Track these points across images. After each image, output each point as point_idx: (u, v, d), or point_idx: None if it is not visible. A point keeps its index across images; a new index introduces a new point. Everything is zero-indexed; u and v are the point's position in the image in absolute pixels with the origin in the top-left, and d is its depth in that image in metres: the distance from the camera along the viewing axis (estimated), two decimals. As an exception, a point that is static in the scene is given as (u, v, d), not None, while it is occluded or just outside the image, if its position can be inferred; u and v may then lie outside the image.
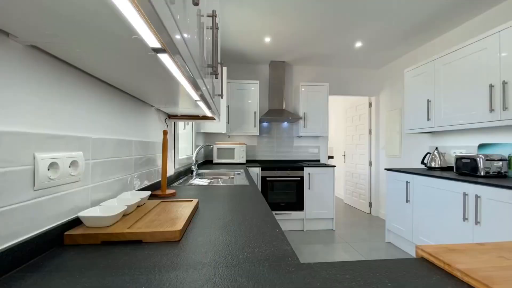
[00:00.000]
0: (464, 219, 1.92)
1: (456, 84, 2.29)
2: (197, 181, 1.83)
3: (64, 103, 0.67)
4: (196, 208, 0.96)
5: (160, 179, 1.43)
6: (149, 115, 1.30)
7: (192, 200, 0.99)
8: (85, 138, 0.75)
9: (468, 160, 2.12)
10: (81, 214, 0.67)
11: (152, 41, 0.45)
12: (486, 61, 2.01)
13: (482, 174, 2.00)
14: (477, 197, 1.82)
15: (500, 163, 2.01)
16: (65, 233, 0.64)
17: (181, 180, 1.83)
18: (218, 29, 0.99)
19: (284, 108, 3.75)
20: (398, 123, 3.57)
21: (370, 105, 4.16)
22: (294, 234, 3.21)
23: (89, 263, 0.54)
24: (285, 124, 3.98)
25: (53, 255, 0.57)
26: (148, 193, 0.95)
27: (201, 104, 1.03)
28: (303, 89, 3.62)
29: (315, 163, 3.71)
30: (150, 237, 0.65)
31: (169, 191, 1.26)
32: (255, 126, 3.52)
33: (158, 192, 1.22)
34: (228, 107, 3.39)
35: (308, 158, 4.01)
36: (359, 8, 2.31)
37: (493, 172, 2.00)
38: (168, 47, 0.44)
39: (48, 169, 0.60)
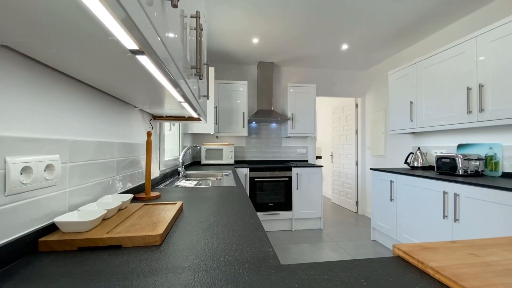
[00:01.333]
0: (444, 216, 1.99)
1: (437, 86, 2.37)
2: (183, 183, 1.81)
3: (40, 105, 0.65)
4: (180, 210, 0.95)
5: (144, 181, 1.40)
6: (133, 116, 1.27)
7: (176, 203, 0.98)
8: (62, 140, 0.73)
9: (448, 160, 2.20)
10: (57, 219, 0.65)
11: (129, 43, 0.44)
12: (464, 64, 2.10)
13: (460, 173, 2.09)
14: (456, 195, 1.89)
15: (477, 162, 2.10)
16: (40, 239, 0.61)
17: (167, 182, 1.80)
18: (202, 30, 0.99)
19: (272, 108, 3.77)
20: (383, 123, 3.66)
21: (357, 106, 4.25)
22: (283, 234, 3.22)
23: (63, 271, 0.52)
24: (274, 124, 4.00)
25: (26, 263, 0.55)
26: (130, 196, 0.93)
27: (186, 105, 1.02)
28: (291, 90, 3.65)
29: (303, 163, 3.75)
30: (130, 241, 0.64)
31: (153, 194, 1.23)
32: (243, 127, 3.51)
33: (142, 195, 1.20)
34: (216, 107, 3.37)
35: (297, 158, 4.05)
36: (344, 12, 2.36)
37: (471, 171, 2.09)
38: (145, 49, 0.43)
39: (21, 174, 0.58)
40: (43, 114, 0.66)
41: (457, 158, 2.12)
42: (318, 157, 6.06)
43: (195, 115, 1.35)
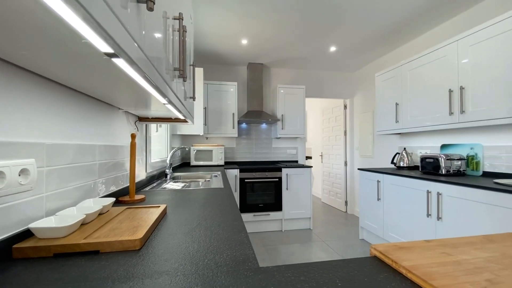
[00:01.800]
0: (428, 215, 2.04)
1: (421, 88, 2.44)
2: (170, 185, 1.79)
3: (14, 108, 0.63)
4: (163, 214, 0.94)
5: (128, 184, 1.38)
6: (116, 118, 1.25)
7: (159, 206, 0.97)
8: (38, 144, 0.71)
9: (432, 160, 2.26)
10: (32, 225, 0.63)
11: (102, 46, 0.44)
12: (446, 67, 2.16)
13: (443, 172, 2.15)
14: (438, 194, 1.95)
15: (459, 162, 2.17)
16: (14, 246, 0.60)
17: (154, 184, 1.78)
18: (186, 31, 0.98)
19: (262, 109, 3.78)
20: (370, 124, 3.73)
21: (345, 107, 4.31)
22: (273, 235, 3.24)
23: (37, 278, 0.51)
24: (264, 125, 4.01)
25: (-3, 271, 0.53)
26: (112, 200, 0.91)
27: (170, 107, 1.01)
28: (281, 91, 3.67)
29: (293, 164, 3.77)
30: (108, 247, 0.63)
31: (138, 197, 1.22)
32: (233, 128, 3.51)
33: (126, 198, 1.18)
34: (205, 108, 3.36)
35: (287, 159, 4.07)
36: (332, 15, 2.39)
37: (453, 170, 2.15)
38: (118, 52, 0.43)
39: (-8, 179, 0.56)
40: (16, 117, 0.64)
41: (440, 158, 2.18)
42: (308, 158, 6.11)
43: (181, 117, 1.34)
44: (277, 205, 3.37)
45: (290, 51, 3.33)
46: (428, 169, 2.30)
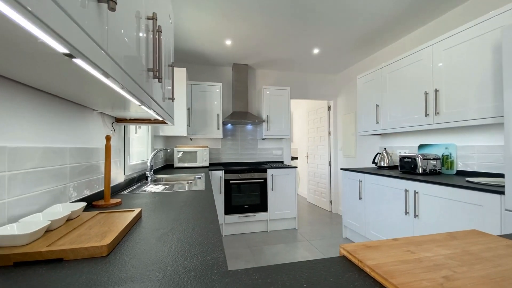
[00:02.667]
0: (406, 213, 2.12)
1: (399, 90, 2.52)
2: (150, 188, 1.75)
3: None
4: (138, 218, 0.92)
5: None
6: (91, 119, 1.21)
7: (134, 210, 0.95)
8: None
9: (409, 160, 2.34)
10: (-11, 233, 0.59)
11: (57, 46, 0.42)
12: (422, 71, 2.25)
13: (420, 171, 2.23)
14: (415, 192, 2.02)
15: (435, 161, 2.26)
16: (-32, 256, 0.56)
17: (134, 187, 1.73)
18: (161, 31, 0.97)
19: (248, 110, 3.78)
20: (353, 125, 3.82)
21: (329, 108, 4.39)
22: (258, 236, 3.24)
23: (-9, 290, 0.48)
24: (249, 126, 4.01)
25: None
26: (82, 204, 0.88)
27: (145, 108, 0.99)
28: (267, 92, 3.68)
29: (278, 164, 3.80)
30: (72, 254, 0.60)
31: (113, 201, 1.18)
32: (218, 129, 3.49)
33: (101, 202, 1.14)
34: (188, 109, 3.31)
35: (273, 159, 4.09)
36: (314, 18, 2.43)
37: (429, 170, 2.24)
38: (72, 52, 0.41)
39: None
40: (-28, 119, 0.61)
41: (417, 158, 2.26)
42: (294, 158, 6.17)
43: (159, 118, 1.31)
44: (262, 206, 3.37)
45: (275, 53, 3.35)
46: (407, 168, 2.38)
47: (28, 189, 0.78)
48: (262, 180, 3.38)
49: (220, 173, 3.20)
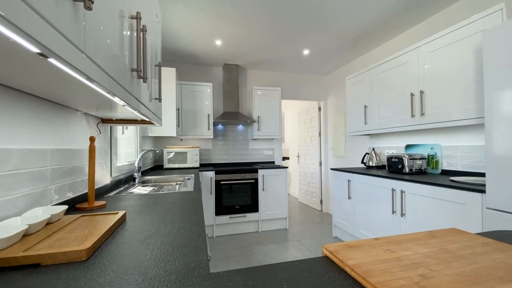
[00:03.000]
0: (393, 212, 2.16)
1: (387, 92, 2.57)
2: (138, 190, 1.72)
3: None
4: (121, 220, 0.90)
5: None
6: (74, 120, 1.18)
7: (118, 212, 0.93)
8: (-28, 149, 0.65)
9: (397, 160, 2.39)
10: (-40, 239, 0.57)
11: (29, 46, 0.40)
12: (408, 72, 2.30)
13: (407, 171, 2.28)
14: (402, 192, 2.06)
15: (421, 161, 2.32)
16: None
17: (121, 189, 1.70)
18: (145, 31, 0.95)
19: (238, 111, 3.77)
20: (343, 126, 3.86)
21: (319, 109, 4.43)
22: (249, 236, 3.23)
23: (-40, 298, 0.46)
24: (240, 126, 4.00)
25: None
26: (64, 207, 0.86)
27: (130, 109, 0.97)
28: (258, 92, 3.69)
29: (269, 165, 3.80)
30: (50, 259, 0.58)
31: (98, 203, 1.15)
32: (209, 129, 3.46)
33: (84, 205, 1.11)
34: (178, 109, 3.28)
35: (264, 160, 4.10)
36: (304, 19, 2.45)
37: (415, 169, 2.29)
38: (45, 52, 0.40)
39: None
40: None
41: (404, 158, 2.31)
42: (286, 158, 6.20)
43: (145, 119, 1.29)
44: (253, 206, 3.37)
45: (265, 53, 3.36)
46: (394, 168, 2.42)
47: (5, 192, 0.75)
48: (253, 181, 3.38)
49: (211, 173, 3.18)
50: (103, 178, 1.52)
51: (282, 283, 0.48)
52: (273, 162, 4.14)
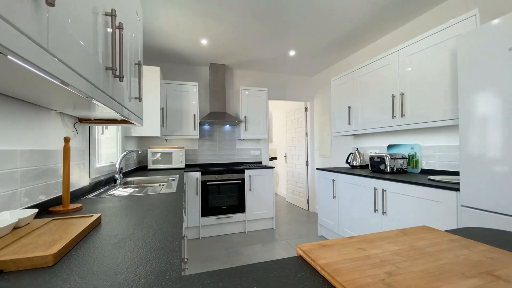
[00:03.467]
0: (375, 210, 2.21)
1: (370, 93, 2.63)
2: (118, 191, 1.68)
3: None
4: (96, 223, 0.87)
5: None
6: (47, 120, 1.13)
7: (92, 215, 0.90)
8: None
9: (379, 159, 2.45)
10: None
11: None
12: (389, 74, 2.36)
13: (388, 170, 2.34)
14: (383, 191, 2.12)
15: (402, 161, 2.39)
16: None
17: (101, 190, 1.65)
18: (122, 28, 0.93)
19: (225, 111, 3.75)
20: (328, 126, 3.93)
21: (306, 109, 4.48)
22: (236, 237, 3.22)
23: None
24: (227, 127, 3.98)
25: None
26: (33, 211, 0.82)
27: (108, 108, 0.94)
28: (246, 92, 3.69)
29: (256, 165, 3.81)
30: (13, 265, 0.56)
31: (73, 206, 1.12)
32: (195, 129, 3.43)
33: (58, 208, 1.07)
34: (162, 109, 3.22)
35: (251, 160, 4.09)
36: (289, 21, 2.47)
37: (396, 168, 2.36)
38: (2, 51, 0.38)
39: None
40: None
41: (385, 158, 2.37)
42: (274, 158, 6.23)
43: (125, 119, 1.26)
44: (240, 207, 3.36)
45: (252, 53, 3.36)
46: (376, 167, 2.48)
47: (-33, 196, 0.71)
48: (240, 181, 3.37)
49: (197, 174, 3.15)
50: (81, 179, 1.47)
51: (253, 284, 0.48)
52: (260, 162, 4.14)
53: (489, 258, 0.56)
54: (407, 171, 2.44)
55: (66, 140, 1.09)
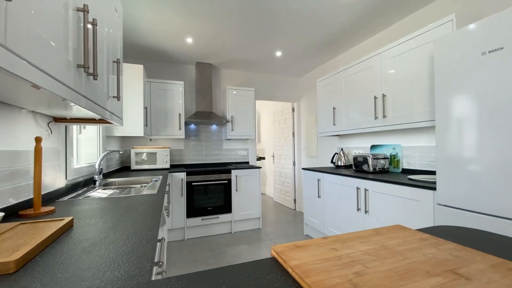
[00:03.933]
0: (358, 209, 2.25)
1: (354, 94, 2.68)
2: (97, 193, 1.63)
3: None
4: (67, 227, 0.84)
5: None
6: (18, 119, 1.08)
7: (63, 219, 0.86)
8: None
9: (362, 159, 2.50)
10: None
11: None
12: (372, 76, 2.42)
13: (371, 170, 2.40)
14: (365, 190, 2.16)
15: (384, 161, 2.45)
16: None
17: (79, 192, 1.59)
18: (96, 25, 0.90)
19: (212, 110, 3.72)
20: (314, 126, 3.97)
21: (293, 110, 4.51)
22: (222, 237, 3.20)
23: None
24: (214, 126, 3.95)
25: None
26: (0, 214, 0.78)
27: (81, 108, 0.91)
28: (233, 92, 3.67)
29: (243, 165, 3.80)
30: (-31, 274, 0.52)
31: (46, 209, 1.07)
32: (180, 129, 3.37)
33: (29, 211, 1.02)
34: (146, 108, 3.15)
35: (238, 160, 4.08)
36: (272, 23, 2.47)
37: (379, 168, 2.42)
38: None
39: None
40: None
41: (368, 158, 2.42)
42: (262, 158, 6.24)
43: (98, 117, 1.22)
44: (226, 207, 3.34)
45: (238, 53, 3.34)
46: (360, 167, 2.53)
47: None
48: (226, 181, 3.35)
49: (182, 175, 3.10)
50: (56, 181, 1.42)
51: (222, 286, 0.48)
52: (248, 163, 4.14)
53: (455, 256, 0.58)
54: (389, 171, 2.50)
55: (37, 140, 1.04)
